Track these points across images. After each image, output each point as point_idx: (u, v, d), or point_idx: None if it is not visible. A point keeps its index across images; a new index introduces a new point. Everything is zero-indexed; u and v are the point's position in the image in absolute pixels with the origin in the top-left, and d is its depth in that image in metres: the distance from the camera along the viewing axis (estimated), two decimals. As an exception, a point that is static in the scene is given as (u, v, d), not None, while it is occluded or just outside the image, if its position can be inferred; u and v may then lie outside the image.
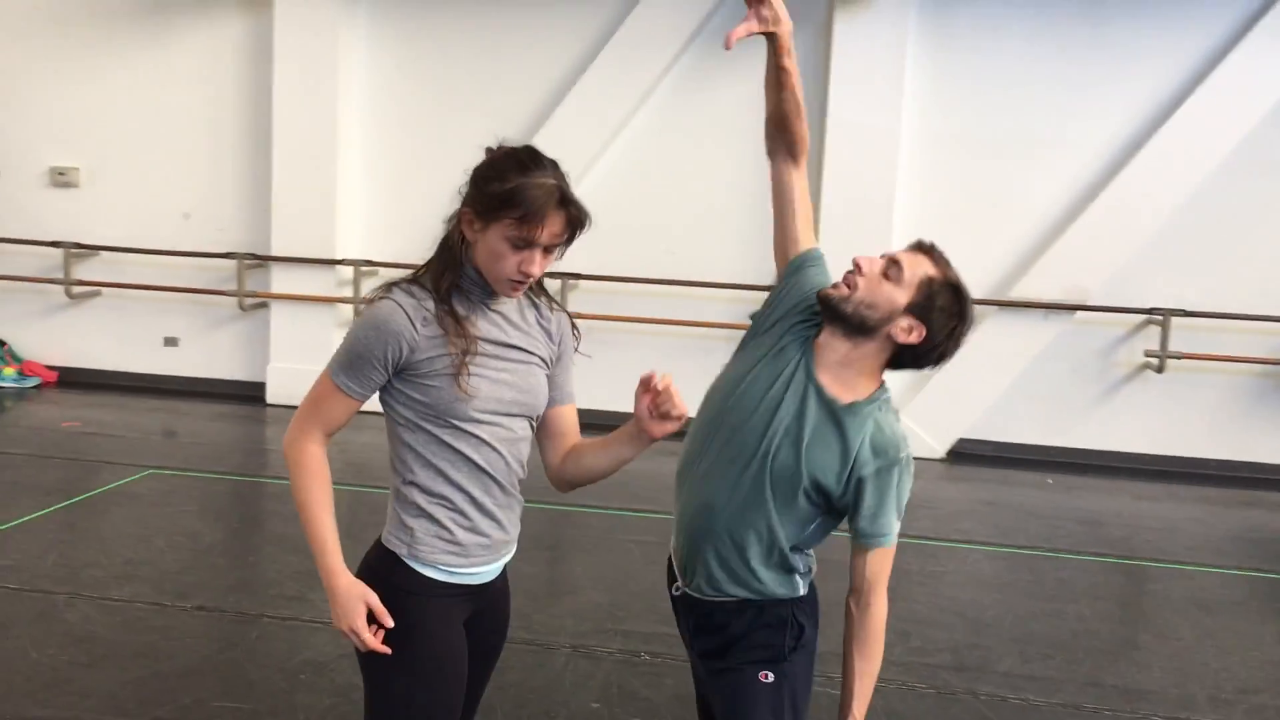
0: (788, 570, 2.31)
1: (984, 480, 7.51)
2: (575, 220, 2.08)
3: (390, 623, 2.10)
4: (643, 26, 7.98)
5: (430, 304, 2.10)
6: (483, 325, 2.15)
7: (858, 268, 2.20)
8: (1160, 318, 7.64)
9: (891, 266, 2.19)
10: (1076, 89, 7.73)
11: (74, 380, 8.94)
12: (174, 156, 8.74)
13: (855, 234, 7.77)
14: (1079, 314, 7.77)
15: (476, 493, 2.15)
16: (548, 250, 2.09)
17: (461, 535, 2.15)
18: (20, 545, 5.07)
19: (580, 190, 8.63)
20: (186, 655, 4.01)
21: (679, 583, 2.39)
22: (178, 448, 7.39)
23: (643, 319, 8.13)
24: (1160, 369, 7.69)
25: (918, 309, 2.18)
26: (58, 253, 8.78)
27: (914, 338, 2.20)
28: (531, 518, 6.27)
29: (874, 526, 2.25)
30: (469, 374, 2.08)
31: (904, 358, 2.26)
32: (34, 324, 9.05)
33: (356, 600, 2.09)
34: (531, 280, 2.10)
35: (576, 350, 2.35)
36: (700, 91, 8.13)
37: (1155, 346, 7.66)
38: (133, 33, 8.67)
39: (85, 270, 8.87)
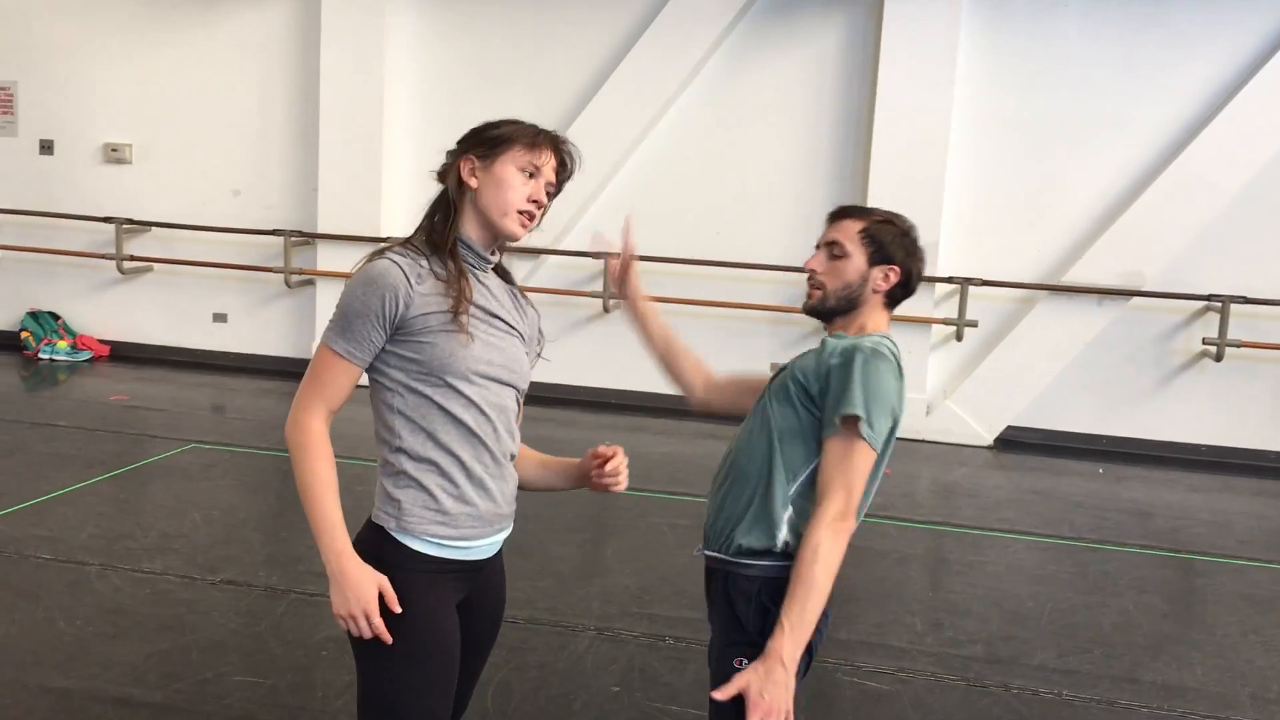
0: (769, 530, 2.20)
1: (1032, 469, 7.34)
2: (567, 160, 2.21)
3: (398, 609, 2.05)
4: (689, 5, 7.88)
5: (424, 261, 2.09)
6: (476, 290, 2.13)
7: (811, 272, 2.37)
8: (1219, 305, 7.41)
9: (832, 247, 2.36)
10: (1134, 69, 7.51)
11: (125, 354, 9.07)
12: (224, 134, 8.82)
13: (906, 215, 7.63)
14: (1134, 300, 7.56)
15: (466, 456, 2.10)
16: (547, 189, 2.18)
17: (449, 504, 2.10)
18: (59, 516, 5.14)
19: (625, 170, 8.61)
20: (211, 629, 4.03)
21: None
22: (222, 422, 7.47)
23: (688, 300, 8.05)
24: (1219, 357, 7.46)
25: (877, 258, 2.34)
26: (110, 229, 8.90)
27: (894, 279, 2.36)
28: (569, 500, 6.23)
29: (836, 407, 2.15)
30: (468, 317, 2.07)
31: (895, 295, 2.39)
32: (87, 299, 9.20)
33: (370, 584, 2.03)
34: (540, 213, 2.17)
35: (540, 354, 2.35)
36: (746, 71, 8.01)
37: (1213, 334, 7.44)
38: (184, 11, 8.74)
39: (137, 246, 8.99)
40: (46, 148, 9.11)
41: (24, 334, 9.03)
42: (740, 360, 8.12)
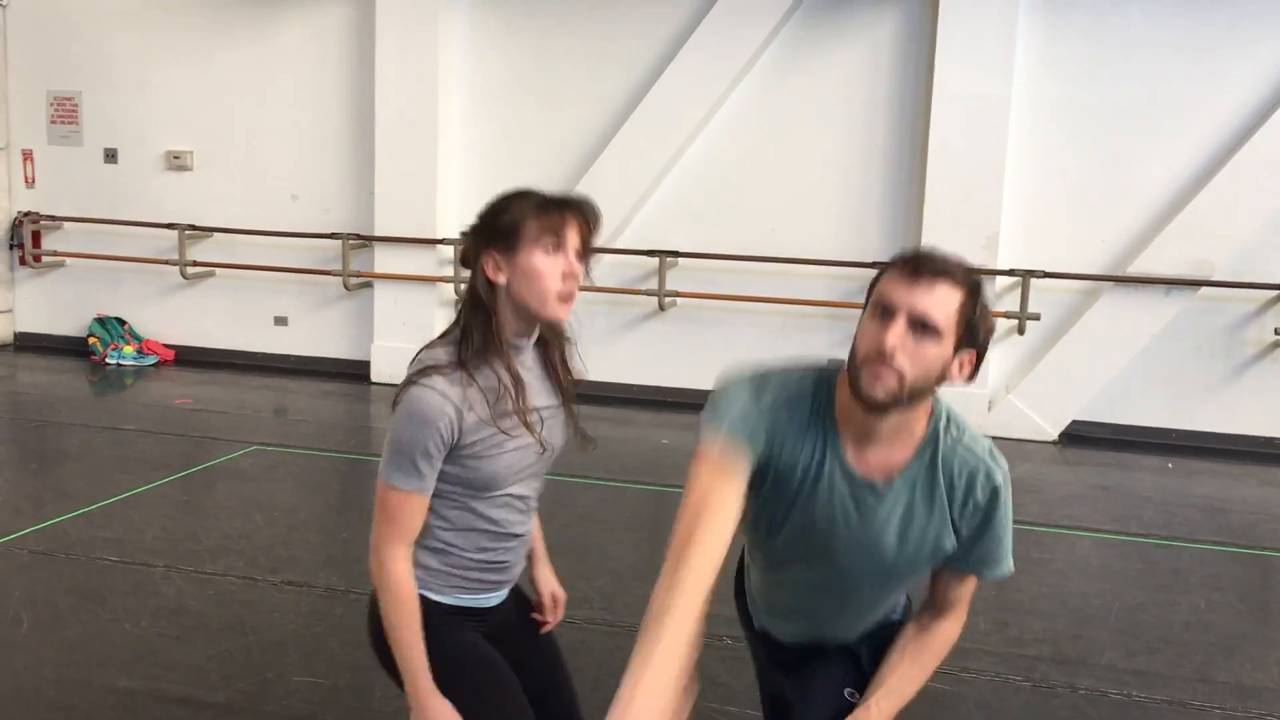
0: None
1: (1098, 464, 7.19)
2: (587, 217, 2.07)
3: None
4: (740, 2, 7.81)
5: (472, 382, 2.05)
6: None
7: (889, 355, 1.81)
8: (1292, 293, 7.20)
9: (922, 329, 1.82)
10: (1200, 52, 7.31)
11: (189, 359, 9.22)
12: (281, 139, 8.92)
13: (964, 208, 7.54)
14: (1203, 290, 7.37)
15: (495, 553, 2.22)
16: (576, 256, 2.07)
17: (474, 576, 2.23)
18: (125, 519, 5.22)
19: (679, 167, 8.52)
20: (272, 629, 4.06)
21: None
22: (284, 424, 7.56)
23: (744, 297, 8.00)
24: (1292, 348, 7.25)
25: (965, 342, 1.88)
26: (173, 234, 9.05)
27: (970, 367, 1.92)
28: (625, 499, 6.19)
29: (993, 565, 2.11)
30: (538, 431, 2.14)
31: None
32: (152, 304, 9.36)
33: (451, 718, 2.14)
34: (576, 286, 2.06)
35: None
36: (799, 66, 7.94)
37: (1286, 324, 7.23)
38: (241, 19, 8.85)
39: (199, 251, 9.12)
40: (111, 156, 9.28)
41: (91, 339, 9.21)
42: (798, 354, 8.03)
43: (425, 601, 2.15)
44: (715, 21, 7.87)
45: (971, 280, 1.87)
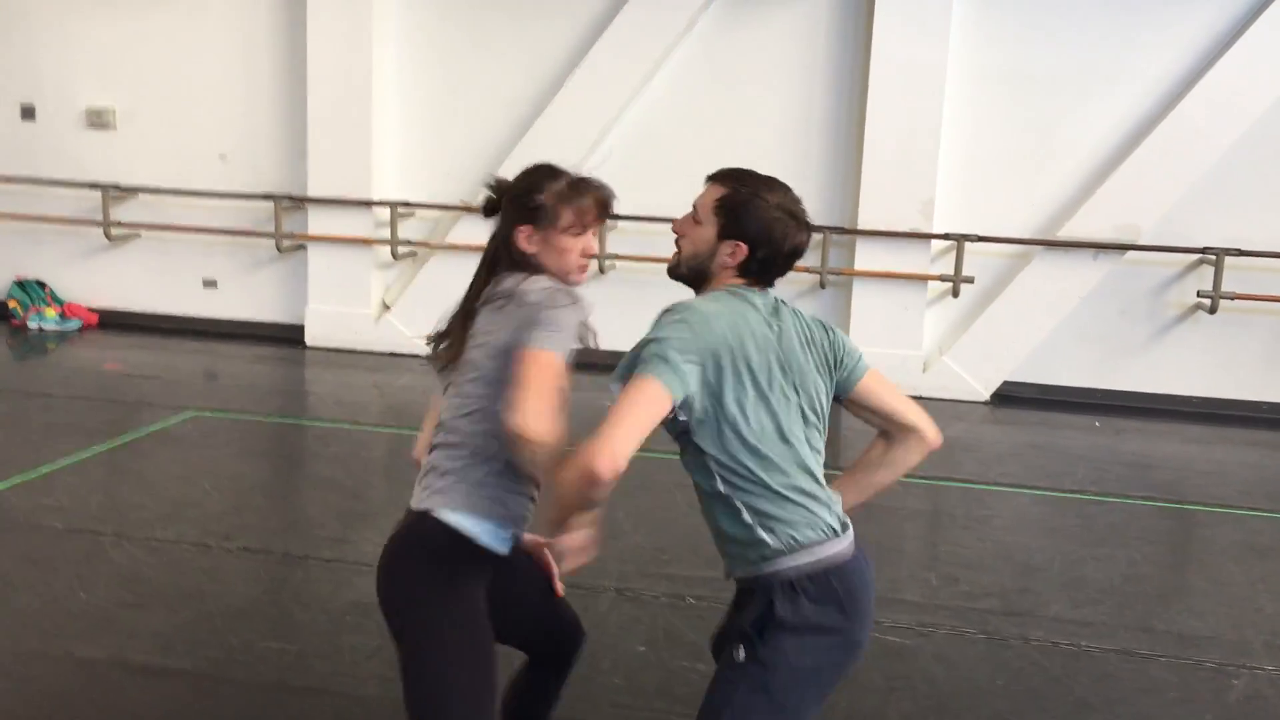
0: (741, 522, 2.18)
1: (1029, 423, 7.40)
2: (604, 200, 2.37)
3: None
4: (683, -41, 7.79)
5: None
6: None
7: (679, 234, 2.32)
8: (1213, 257, 7.44)
9: (692, 214, 2.30)
10: (1131, 20, 7.49)
11: (115, 322, 8.98)
12: (210, 97, 8.68)
13: (900, 173, 7.65)
14: (1130, 254, 7.59)
15: (527, 489, 2.33)
16: (594, 234, 2.39)
17: (506, 515, 2.30)
18: (66, 486, 5.10)
19: (617, 128, 8.48)
20: (233, 597, 4.02)
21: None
22: (218, 390, 7.42)
23: (682, 260, 8.02)
24: (1213, 310, 7.50)
25: (726, 232, 2.24)
26: (96, 194, 8.77)
27: (740, 256, 2.24)
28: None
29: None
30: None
31: (755, 270, 2.27)
32: (74, 266, 9.08)
33: None
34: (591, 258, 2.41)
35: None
36: (739, 29, 7.94)
37: (1208, 287, 7.47)
38: (166, -30, 8.57)
39: (124, 212, 8.86)
40: (28, 113, 8.95)
41: (11, 303, 8.91)
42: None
43: (457, 534, 2.20)
44: (655, -17, 7.84)
45: (744, 181, 2.30)
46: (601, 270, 8.16)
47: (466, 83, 8.29)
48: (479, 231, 8.98)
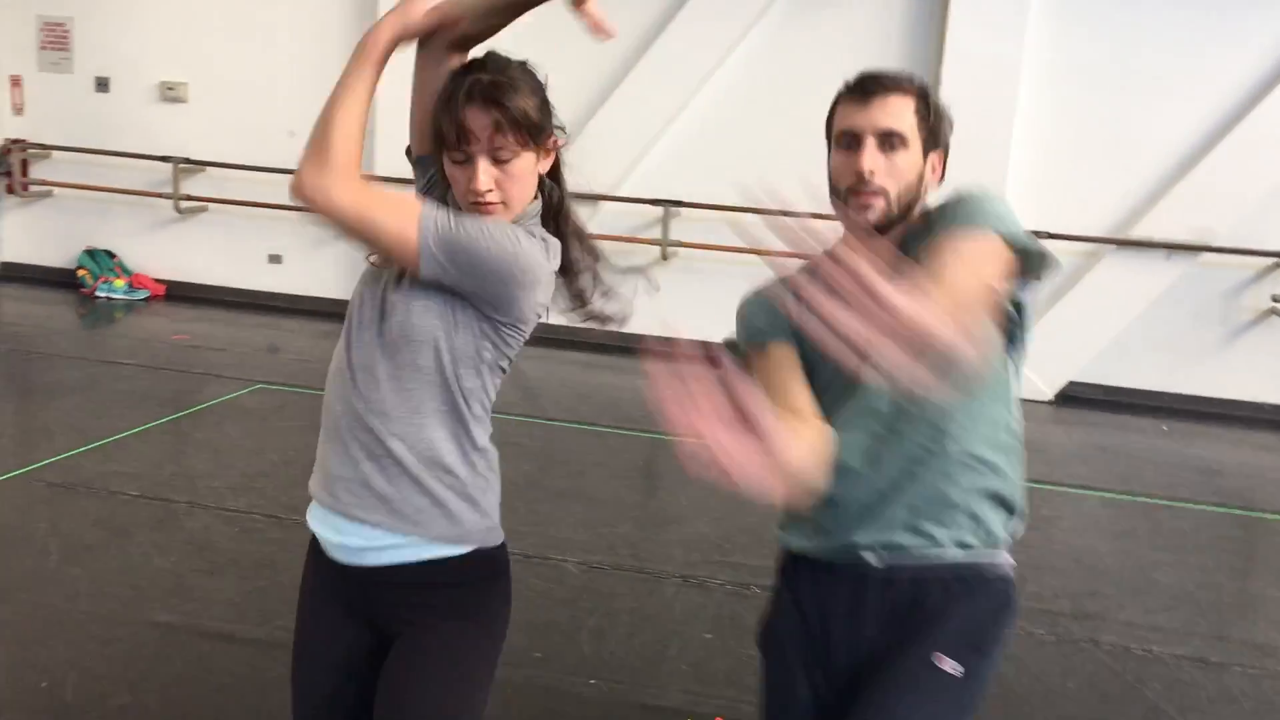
0: None
1: (1095, 425, 7.29)
2: (501, 112, 1.74)
3: None
4: (757, -54, 7.74)
5: None
6: None
7: (868, 179, 1.83)
8: (1291, 261, 7.30)
9: (889, 143, 1.85)
10: (1211, 19, 7.34)
11: (181, 294, 9.10)
12: (280, 74, 8.75)
13: (969, 173, 7.43)
14: (1203, 255, 7.45)
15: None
16: (499, 161, 1.76)
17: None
18: (138, 453, 5.17)
19: (685, 116, 8.38)
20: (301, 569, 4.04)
21: None
22: (283, 363, 7.49)
23: (739, 249, 7.96)
24: (1288, 315, 7.36)
25: (930, 144, 1.89)
26: (166, 168, 8.89)
27: (941, 167, 1.95)
28: (632, 447, 6.21)
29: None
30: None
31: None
32: (143, 238, 9.21)
33: None
34: (486, 198, 1.76)
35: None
36: (810, 18, 7.88)
37: (1284, 291, 7.33)
38: (242, -53, 8.66)
39: (193, 186, 8.97)
40: (102, 85, 9.08)
41: (81, 271, 9.06)
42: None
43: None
44: (728, -31, 7.80)
45: (918, 85, 1.88)
46: (664, 257, 8.14)
47: (538, 68, 8.28)
48: (549, 214, 8.74)
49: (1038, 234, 7.51)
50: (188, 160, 8.85)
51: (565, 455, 5.81)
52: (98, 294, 8.92)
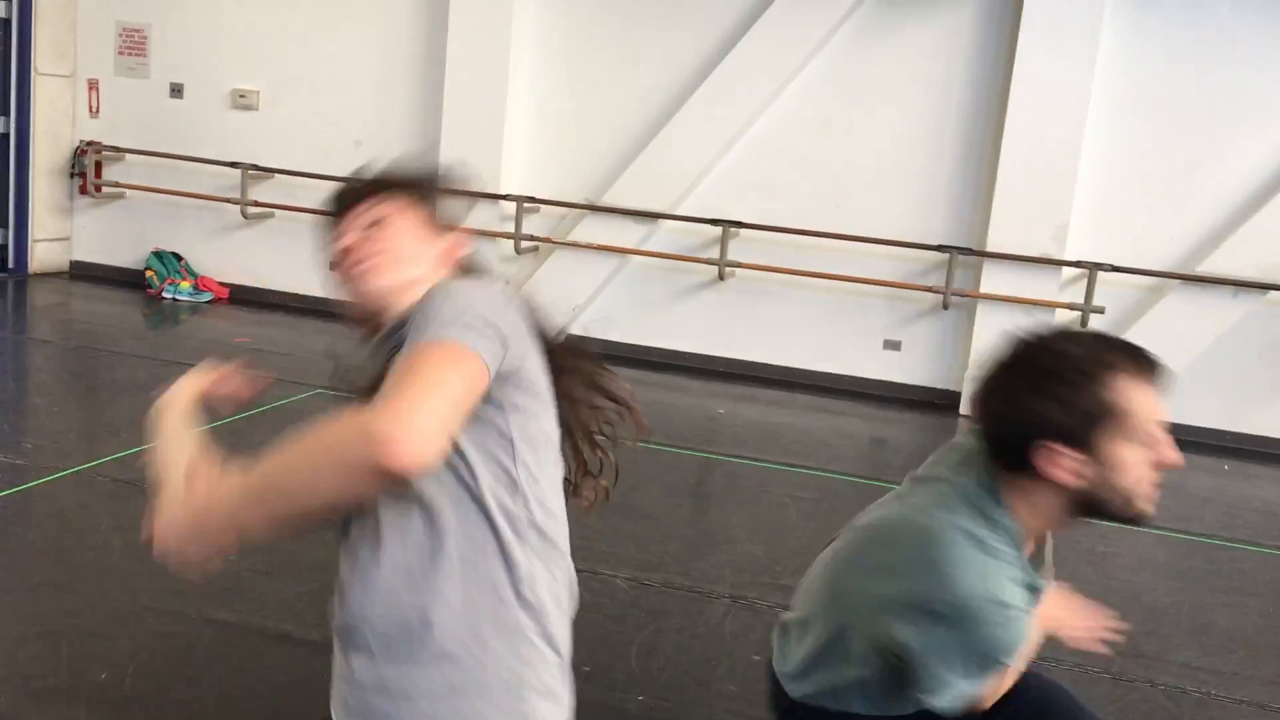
0: None
1: (1154, 461, 7.16)
2: (339, 201, 1.91)
3: None
4: (824, -29, 7.75)
5: None
6: None
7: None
8: (1362, 303, 7.15)
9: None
10: (1288, 53, 7.23)
11: (244, 298, 9.25)
12: (348, 85, 8.91)
13: (1034, 196, 7.50)
14: (1272, 294, 7.32)
15: None
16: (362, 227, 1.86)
17: None
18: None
19: (746, 138, 8.39)
20: (358, 572, 4.09)
21: None
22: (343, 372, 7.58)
23: (804, 272, 7.96)
24: (1357, 357, 7.21)
25: None
26: (235, 173, 9.06)
27: None
28: (683, 464, 6.19)
29: None
30: None
31: None
32: (210, 241, 9.38)
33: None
34: (366, 261, 1.84)
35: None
36: (876, 43, 7.87)
37: (1354, 333, 7.18)
38: (317, -40, 8.82)
39: (260, 192, 9.14)
40: (176, 91, 9.29)
41: (148, 272, 9.25)
42: (854, 335, 8.04)
43: None
44: (794, -6, 7.81)
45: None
46: (721, 277, 8.15)
47: (597, 86, 8.37)
48: (601, 230, 9.08)
49: (1099, 266, 7.45)
50: (256, 166, 9.01)
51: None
52: (164, 295, 9.09)
